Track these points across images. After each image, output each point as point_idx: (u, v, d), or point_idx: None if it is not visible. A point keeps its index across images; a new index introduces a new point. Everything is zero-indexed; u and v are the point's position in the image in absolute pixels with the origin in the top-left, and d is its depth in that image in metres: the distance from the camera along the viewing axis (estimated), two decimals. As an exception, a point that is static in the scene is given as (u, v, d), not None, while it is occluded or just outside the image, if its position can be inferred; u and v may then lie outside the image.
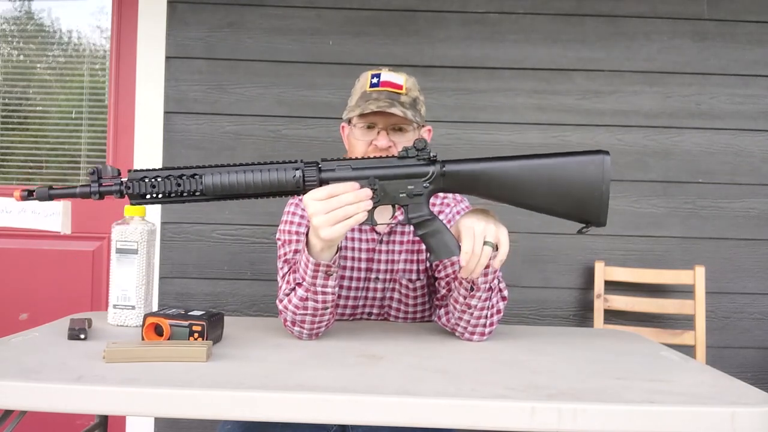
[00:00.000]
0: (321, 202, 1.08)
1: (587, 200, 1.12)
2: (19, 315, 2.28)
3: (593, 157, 1.13)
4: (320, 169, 1.13)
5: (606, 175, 1.12)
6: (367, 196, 1.10)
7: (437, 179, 1.15)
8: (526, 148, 2.22)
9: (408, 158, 1.15)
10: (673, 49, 2.24)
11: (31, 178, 2.43)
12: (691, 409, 0.86)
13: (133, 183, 1.11)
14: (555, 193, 1.13)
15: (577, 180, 1.12)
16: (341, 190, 1.09)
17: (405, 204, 1.16)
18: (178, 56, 2.23)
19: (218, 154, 2.22)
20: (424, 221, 1.15)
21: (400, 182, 1.15)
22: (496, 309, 1.23)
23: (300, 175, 1.11)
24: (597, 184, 1.12)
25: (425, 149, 1.14)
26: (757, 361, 2.23)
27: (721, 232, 2.23)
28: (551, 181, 1.13)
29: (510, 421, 0.85)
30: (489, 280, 1.19)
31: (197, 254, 2.23)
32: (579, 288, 2.24)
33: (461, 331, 1.25)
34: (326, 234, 1.08)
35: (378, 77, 1.32)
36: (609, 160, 1.12)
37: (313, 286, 1.16)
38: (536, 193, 1.13)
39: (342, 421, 0.97)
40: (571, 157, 1.14)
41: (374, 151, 1.30)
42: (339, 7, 2.23)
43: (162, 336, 1.11)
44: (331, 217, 1.07)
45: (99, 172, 1.11)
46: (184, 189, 1.11)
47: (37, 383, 0.89)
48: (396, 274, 1.41)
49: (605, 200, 1.12)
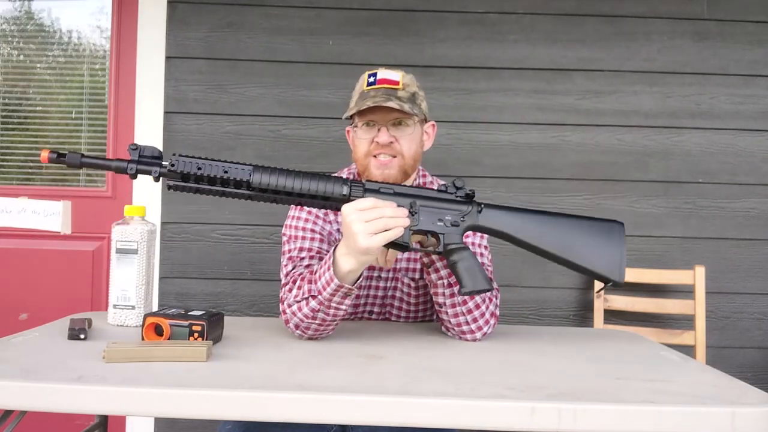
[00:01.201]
0: (361, 212, 1.09)
1: (608, 259, 1.22)
2: (19, 315, 2.28)
3: (610, 224, 1.23)
4: (366, 189, 1.15)
5: (623, 241, 1.22)
6: (404, 214, 1.12)
7: (473, 216, 1.19)
8: (526, 148, 2.22)
9: (447, 193, 1.20)
10: (673, 49, 2.24)
11: (31, 178, 2.43)
12: (691, 409, 0.86)
13: (179, 161, 1.07)
14: (581, 250, 1.22)
15: (597, 240, 1.22)
16: (382, 204, 1.11)
17: (440, 233, 1.18)
18: (178, 56, 2.23)
19: (218, 154, 2.22)
20: (458, 249, 1.18)
21: (438, 212, 1.18)
22: (474, 304, 1.24)
23: (348, 189, 1.14)
24: (617, 247, 1.22)
25: (463, 188, 1.20)
26: (757, 361, 2.23)
27: (721, 232, 2.23)
28: (577, 239, 1.21)
29: (510, 421, 0.85)
30: (443, 276, 1.23)
31: (197, 254, 2.23)
32: (579, 288, 2.24)
33: (451, 331, 1.28)
34: (364, 242, 1.08)
35: (374, 76, 1.33)
36: (623, 228, 1.23)
37: (328, 301, 1.16)
38: (562, 247, 1.21)
39: (342, 421, 0.97)
40: (591, 220, 1.23)
41: (376, 148, 1.30)
42: (339, 7, 2.23)
43: (162, 336, 1.11)
44: (370, 227, 1.08)
45: (141, 149, 1.07)
46: (231, 176, 1.09)
47: (37, 383, 0.89)
48: (398, 273, 1.41)
49: (623, 261, 1.22)
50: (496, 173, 2.22)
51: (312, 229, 1.36)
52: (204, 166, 1.08)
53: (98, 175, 2.39)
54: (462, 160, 2.21)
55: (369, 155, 1.32)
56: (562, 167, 2.22)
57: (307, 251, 1.34)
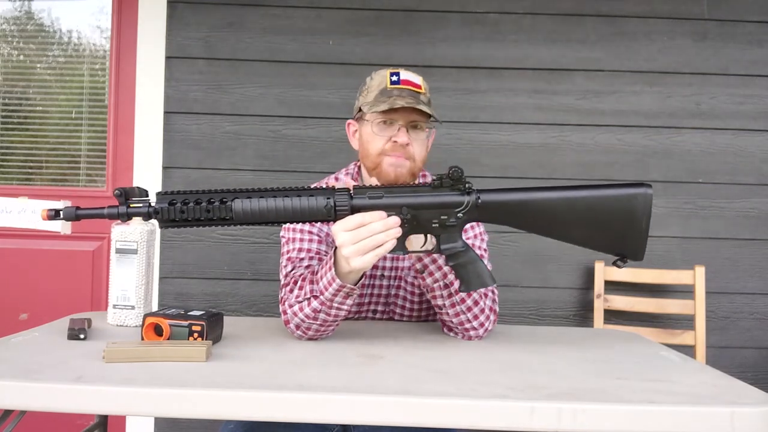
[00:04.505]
0: (350, 233, 1.08)
1: (626, 234, 1.10)
2: (19, 315, 2.28)
3: (636, 190, 1.09)
4: (351, 196, 1.12)
5: (648, 209, 1.08)
6: (396, 224, 1.09)
7: (471, 210, 1.13)
8: (526, 148, 2.22)
9: (442, 187, 1.14)
10: (673, 49, 2.24)
11: (31, 178, 2.43)
12: (691, 409, 0.86)
13: (163, 209, 1.08)
14: (592, 226, 1.10)
15: (617, 214, 1.09)
16: (369, 219, 1.08)
17: (437, 234, 1.15)
18: (178, 56, 2.23)
19: (218, 154, 2.22)
20: (456, 252, 1.15)
21: (433, 212, 1.13)
22: (472, 302, 1.24)
23: (332, 203, 1.10)
24: (638, 218, 1.08)
25: (461, 179, 1.13)
26: (757, 361, 2.23)
27: (721, 232, 2.23)
28: (589, 214, 1.10)
29: (510, 421, 0.85)
30: (438, 278, 1.22)
31: (197, 254, 2.23)
32: (579, 288, 2.24)
33: (456, 331, 1.28)
34: (357, 264, 1.08)
35: (398, 75, 1.32)
36: (651, 193, 1.08)
37: (330, 302, 1.16)
38: (573, 226, 1.11)
39: (342, 421, 0.97)
40: (610, 190, 1.10)
41: (393, 147, 1.30)
42: (339, 7, 2.23)
43: (162, 336, 1.11)
44: (360, 247, 1.07)
45: (126, 194, 1.09)
46: (213, 215, 1.09)
47: (37, 383, 0.89)
48: (401, 272, 1.41)
49: (645, 234, 1.09)
50: (496, 173, 2.22)
51: (310, 230, 1.36)
52: (187, 210, 1.08)
53: (98, 174, 2.39)
54: (462, 160, 2.19)
55: (384, 153, 1.31)
56: (562, 167, 2.22)
57: (306, 252, 1.34)
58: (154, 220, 1.13)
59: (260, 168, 2.22)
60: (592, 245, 1.13)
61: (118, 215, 1.09)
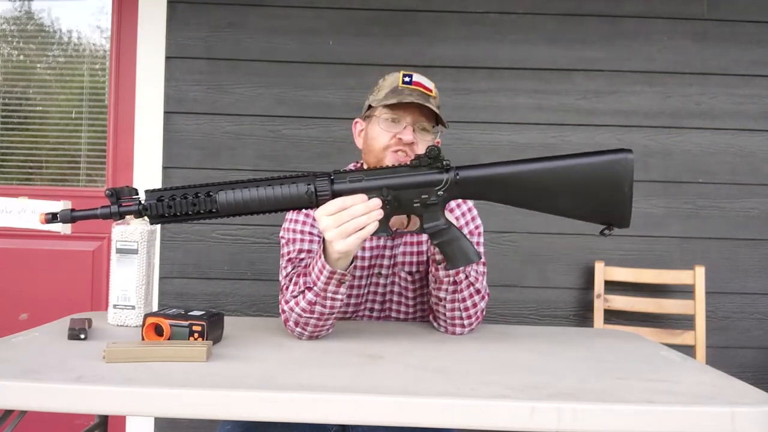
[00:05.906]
0: (332, 217, 1.09)
1: (610, 201, 1.09)
2: (19, 315, 2.28)
3: (616, 156, 1.08)
4: (332, 181, 1.13)
5: (630, 174, 1.08)
6: (377, 206, 1.10)
7: (451, 187, 1.14)
8: (526, 148, 2.22)
9: (421, 167, 1.14)
10: (673, 49, 2.24)
11: (31, 178, 2.43)
12: (691, 409, 0.86)
13: (151, 205, 1.11)
14: (576, 195, 1.09)
15: (600, 181, 1.08)
16: (350, 202, 1.09)
17: (420, 214, 1.16)
18: (178, 56, 2.23)
19: (218, 154, 2.22)
20: (439, 231, 1.16)
21: (413, 191, 1.14)
22: (471, 302, 1.27)
23: (312, 189, 1.12)
24: (620, 184, 1.08)
25: (438, 157, 1.14)
26: (757, 361, 2.23)
27: (721, 232, 2.23)
28: (571, 183, 1.09)
29: (510, 421, 0.85)
30: (451, 274, 1.24)
31: (197, 254, 2.23)
32: (579, 288, 2.24)
33: (442, 323, 1.31)
34: (340, 247, 1.09)
35: (410, 77, 1.34)
36: (632, 158, 1.08)
37: (323, 291, 1.17)
38: (556, 196, 1.10)
39: (342, 421, 0.97)
40: (591, 158, 1.10)
41: (397, 144, 1.31)
42: (339, 7, 2.23)
43: (162, 336, 1.11)
44: (342, 230, 1.08)
45: (117, 193, 1.12)
46: (199, 209, 1.12)
47: (37, 383, 0.89)
48: (395, 268, 1.42)
49: (629, 200, 1.08)
50: (496, 173, 2.21)
51: (310, 231, 1.36)
52: (174, 205, 1.11)
53: (98, 175, 2.39)
54: (462, 160, 2.19)
55: (388, 149, 1.32)
56: (562, 167, 2.22)
57: (306, 252, 1.34)
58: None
59: (260, 168, 2.22)
60: (578, 215, 1.12)
61: (111, 215, 1.12)
